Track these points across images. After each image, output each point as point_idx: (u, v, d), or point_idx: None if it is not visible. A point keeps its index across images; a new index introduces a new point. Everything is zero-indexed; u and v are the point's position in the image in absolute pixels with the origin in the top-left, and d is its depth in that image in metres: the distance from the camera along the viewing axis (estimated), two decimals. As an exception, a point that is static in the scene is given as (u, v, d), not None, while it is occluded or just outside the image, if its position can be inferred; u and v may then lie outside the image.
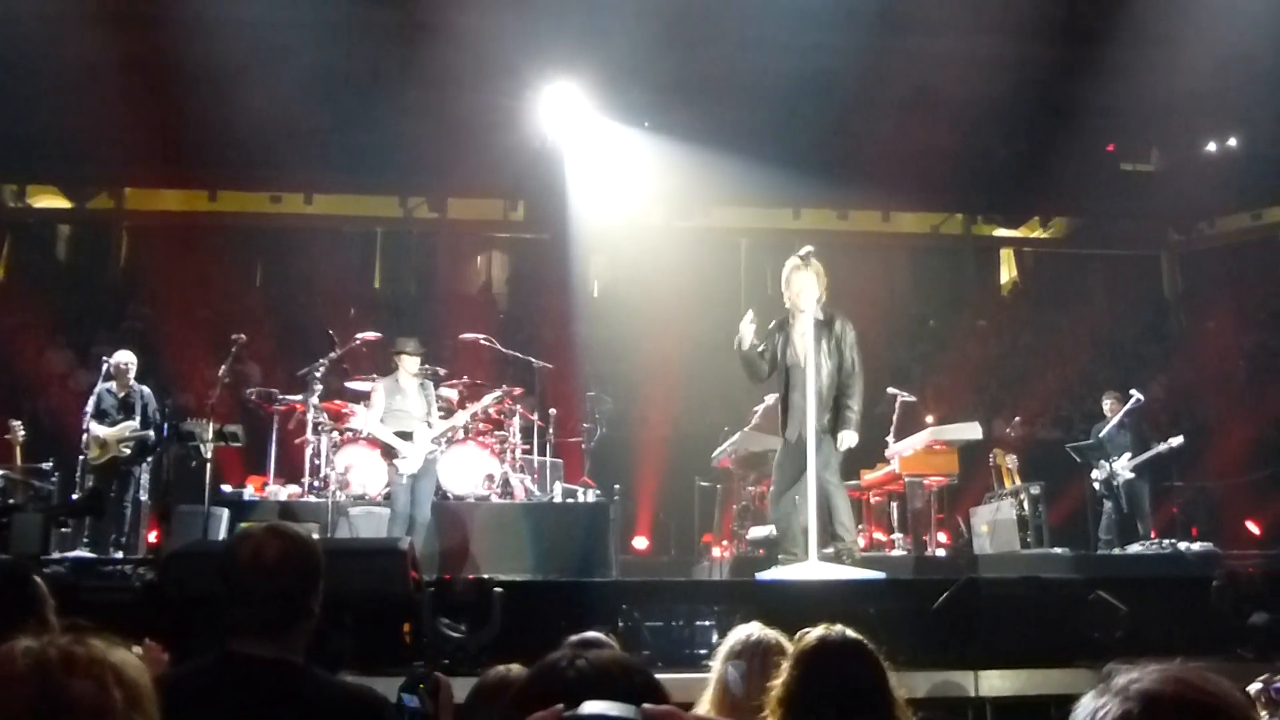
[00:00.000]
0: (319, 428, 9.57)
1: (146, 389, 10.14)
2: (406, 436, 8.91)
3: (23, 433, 10.02)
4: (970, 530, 11.28)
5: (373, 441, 9.31)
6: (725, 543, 10.55)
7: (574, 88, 15.82)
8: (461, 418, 9.69)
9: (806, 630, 2.71)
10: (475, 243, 20.35)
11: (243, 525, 7.17)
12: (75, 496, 9.35)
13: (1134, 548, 10.42)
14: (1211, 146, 19.53)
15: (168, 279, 16.28)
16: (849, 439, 7.13)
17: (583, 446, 11.29)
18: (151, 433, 9.85)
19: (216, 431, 9.19)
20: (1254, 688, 3.14)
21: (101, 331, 15.42)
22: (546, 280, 17.92)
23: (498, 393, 9.95)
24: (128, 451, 9.78)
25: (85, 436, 9.65)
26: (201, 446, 8.90)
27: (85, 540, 9.48)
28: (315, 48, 16.56)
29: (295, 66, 16.87)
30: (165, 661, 3.35)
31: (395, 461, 8.87)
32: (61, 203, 19.07)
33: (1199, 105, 19.26)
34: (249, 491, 9.92)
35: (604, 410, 11.54)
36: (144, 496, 9.98)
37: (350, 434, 9.66)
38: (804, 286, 7.09)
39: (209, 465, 8.94)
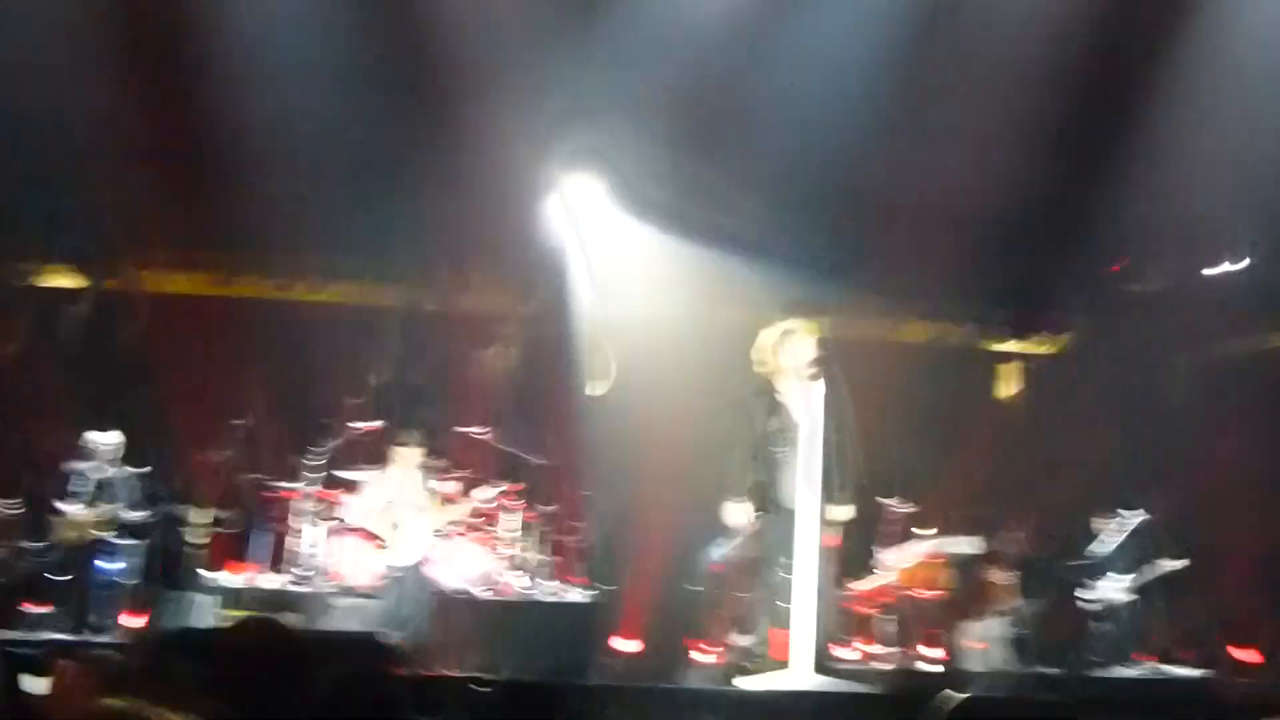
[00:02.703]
0: (311, 516, 9.60)
1: (128, 470, 10.10)
2: (399, 529, 8.96)
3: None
4: (962, 647, 11.23)
5: (365, 533, 9.34)
6: (714, 649, 10.50)
7: (592, 183, 16.05)
8: (457, 512, 9.73)
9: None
10: (483, 335, 20.48)
11: (229, 613, 7.21)
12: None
13: (1127, 671, 10.37)
14: (1218, 269, 19.76)
15: (171, 360, 16.40)
16: (847, 513, 7.05)
17: (578, 544, 11.29)
18: (136, 514, 9.81)
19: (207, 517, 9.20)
20: None
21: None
22: (550, 375, 18.01)
23: (497, 489, 9.98)
24: (107, 534, 9.71)
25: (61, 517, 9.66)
26: (190, 531, 8.91)
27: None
28: (335, 141, 16.92)
29: (313, 156, 17.22)
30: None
31: (386, 553, 8.91)
32: (75, 281, 19.25)
33: (1208, 229, 19.53)
34: (236, 578, 9.91)
35: (599, 511, 11.57)
36: (123, 579, 9.91)
37: (341, 523, 9.68)
38: (801, 352, 7.01)
39: (197, 551, 8.94)
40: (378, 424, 10.39)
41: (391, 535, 8.89)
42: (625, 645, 12.81)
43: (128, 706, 1.85)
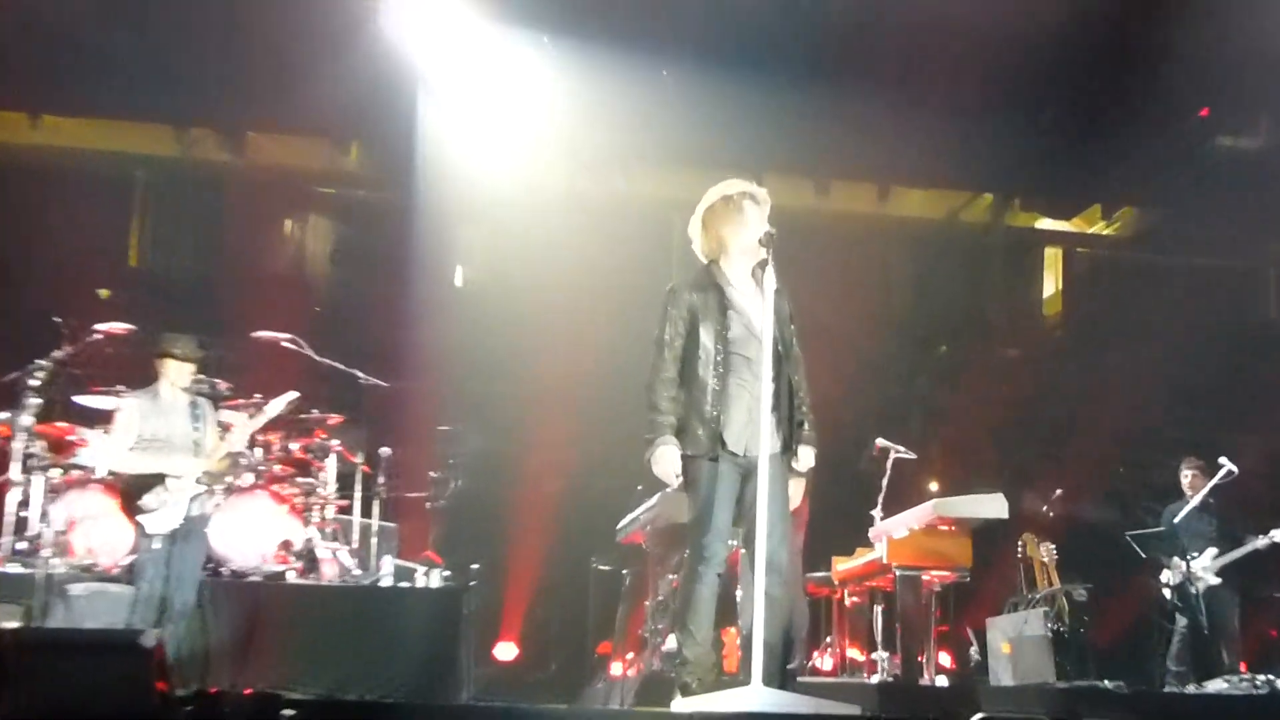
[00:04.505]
0: (31, 462, 9.34)
1: None
2: (163, 479, 8.69)
3: None
4: (985, 650, 11.34)
5: (112, 486, 9.10)
6: (631, 655, 10.47)
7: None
8: (248, 452, 9.54)
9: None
10: (285, 200, 20.07)
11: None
12: None
13: (1216, 684, 10.51)
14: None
15: None
16: (811, 457, 6.90)
17: (428, 505, 11.20)
18: None
19: None
20: None
21: None
22: (388, 259, 17.74)
23: (302, 415, 9.83)
24: None
25: None
26: None
27: None
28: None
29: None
30: None
31: (144, 516, 8.64)
32: None
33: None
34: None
35: (463, 453, 11.46)
36: None
37: (79, 473, 9.43)
38: (754, 226, 6.84)
39: None
40: (128, 327, 10.03)
41: (152, 489, 8.64)
42: (503, 651, 12.79)
43: None
